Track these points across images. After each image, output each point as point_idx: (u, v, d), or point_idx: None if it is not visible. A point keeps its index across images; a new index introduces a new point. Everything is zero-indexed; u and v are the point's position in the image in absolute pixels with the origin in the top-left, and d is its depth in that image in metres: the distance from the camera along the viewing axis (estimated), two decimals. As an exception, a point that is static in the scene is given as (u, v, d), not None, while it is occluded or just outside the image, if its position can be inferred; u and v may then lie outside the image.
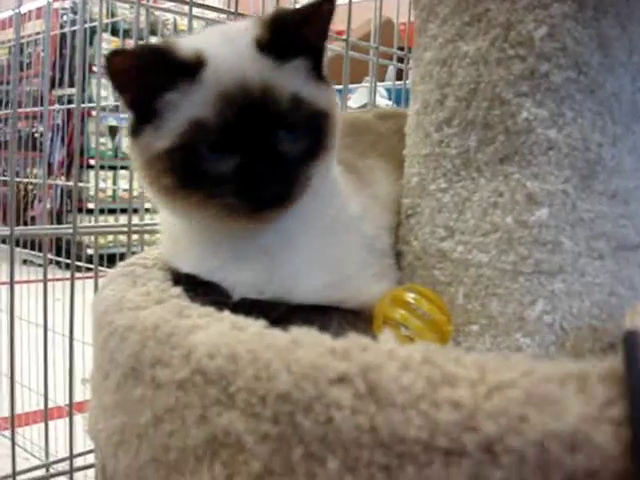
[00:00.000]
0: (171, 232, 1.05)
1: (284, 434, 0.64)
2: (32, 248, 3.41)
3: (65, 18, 4.55)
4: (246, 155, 0.88)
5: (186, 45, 0.92)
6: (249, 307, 0.90)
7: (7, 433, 1.69)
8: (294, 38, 0.92)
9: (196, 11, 1.56)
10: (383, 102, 3.13)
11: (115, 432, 0.85)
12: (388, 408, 0.59)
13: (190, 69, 0.89)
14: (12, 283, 1.36)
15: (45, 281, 1.55)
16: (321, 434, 0.61)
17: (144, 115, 0.91)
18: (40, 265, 3.33)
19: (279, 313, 0.92)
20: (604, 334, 0.99)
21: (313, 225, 0.99)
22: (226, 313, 0.79)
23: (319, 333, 0.71)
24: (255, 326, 0.74)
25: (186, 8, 1.48)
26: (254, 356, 0.68)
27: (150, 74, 0.89)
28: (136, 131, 0.93)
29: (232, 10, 1.54)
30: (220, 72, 0.89)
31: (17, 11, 1.34)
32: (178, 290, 0.91)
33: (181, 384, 0.73)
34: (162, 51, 0.89)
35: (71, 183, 4.21)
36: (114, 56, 0.86)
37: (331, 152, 0.97)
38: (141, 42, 1.49)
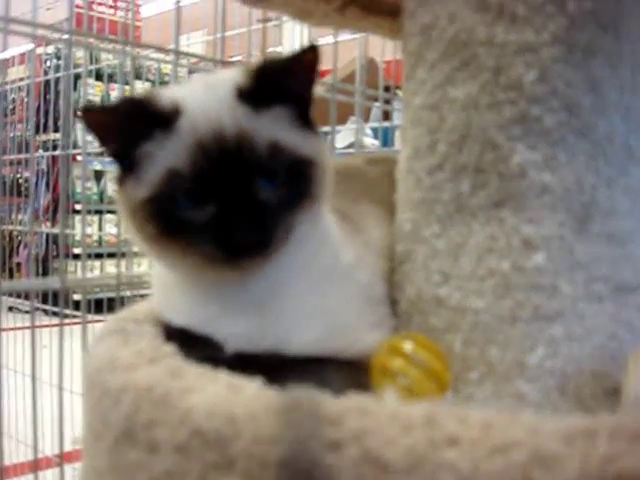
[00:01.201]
0: (161, 283, 1.04)
1: (286, 500, 0.62)
2: (18, 296, 3.37)
3: (49, 64, 4.56)
4: (222, 204, 0.87)
5: (166, 95, 0.92)
6: (243, 361, 0.88)
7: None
8: (276, 86, 0.91)
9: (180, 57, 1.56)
10: (369, 141, 3.14)
11: (109, 496, 0.82)
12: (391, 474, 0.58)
13: (165, 119, 0.88)
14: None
15: (33, 330, 1.53)
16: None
17: (127, 165, 0.92)
18: (26, 312, 3.30)
19: (274, 366, 0.90)
20: (606, 378, 0.97)
21: (304, 274, 0.97)
22: (221, 373, 0.77)
23: (317, 392, 0.69)
24: (252, 387, 0.72)
25: (170, 56, 1.48)
26: (252, 419, 0.66)
27: (127, 125, 0.89)
28: (121, 180, 0.93)
29: (217, 58, 1.54)
30: (195, 121, 0.88)
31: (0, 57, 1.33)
32: (171, 348, 0.89)
33: (178, 447, 0.70)
34: (138, 103, 0.90)
35: (56, 230, 4.19)
36: (86, 112, 0.88)
37: (318, 200, 0.96)
38: (126, 87, 1.49)
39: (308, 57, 0.92)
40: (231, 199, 0.87)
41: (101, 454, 0.84)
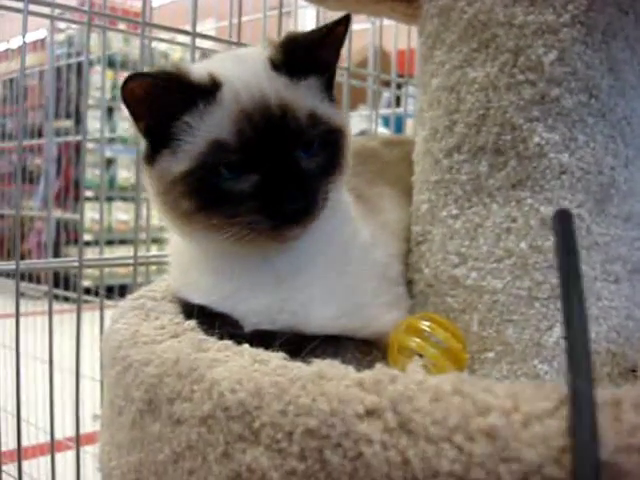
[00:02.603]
0: (180, 262, 1.04)
1: (312, 470, 0.62)
2: (30, 280, 3.38)
3: (59, 51, 4.56)
4: (267, 173, 0.87)
5: (199, 69, 0.91)
6: (262, 338, 0.88)
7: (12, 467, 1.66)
8: (307, 57, 0.92)
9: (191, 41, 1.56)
10: (379, 129, 3.13)
11: (130, 470, 0.83)
12: (420, 442, 0.58)
13: (206, 91, 0.88)
14: (17, 318, 1.34)
15: (50, 314, 1.54)
16: (350, 470, 0.60)
17: (160, 140, 0.91)
18: (38, 298, 3.31)
19: (292, 344, 0.90)
20: (622, 358, 0.98)
21: (325, 253, 0.98)
22: (245, 346, 0.78)
23: (340, 364, 0.70)
24: (277, 359, 0.73)
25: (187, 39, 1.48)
26: (279, 390, 0.66)
27: (166, 98, 0.88)
28: (152, 158, 0.92)
29: (234, 40, 1.54)
30: (237, 92, 0.88)
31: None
32: (192, 323, 0.89)
33: (203, 420, 0.71)
34: (177, 75, 0.89)
35: (68, 215, 4.19)
36: (130, 81, 0.86)
37: (345, 170, 0.97)
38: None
39: (338, 29, 0.93)
40: (276, 168, 0.87)
41: (123, 428, 0.85)
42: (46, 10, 1.27)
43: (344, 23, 0.93)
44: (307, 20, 2.46)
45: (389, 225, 1.14)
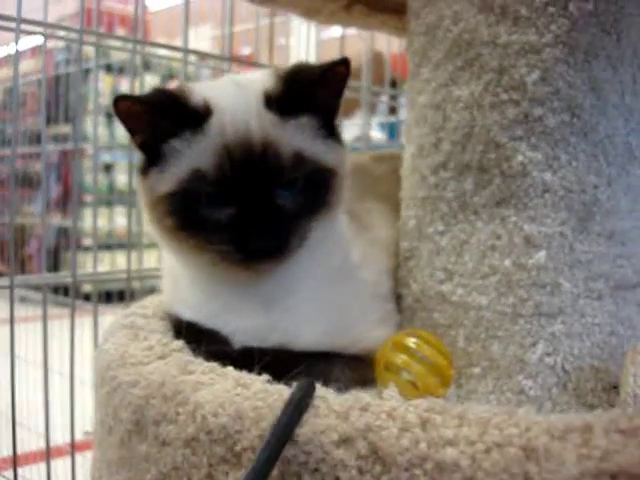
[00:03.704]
0: (172, 277, 1.06)
1: (292, 494, 0.64)
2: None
3: (59, 58, 4.58)
4: (242, 207, 0.88)
5: (198, 93, 0.92)
6: (250, 355, 0.90)
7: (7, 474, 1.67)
8: (305, 96, 0.92)
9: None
10: (375, 135, 3.14)
11: (120, 488, 0.84)
12: (393, 468, 0.59)
13: (196, 118, 0.90)
14: (12, 327, 1.35)
15: (45, 328, 1.55)
16: (328, 494, 0.62)
17: (152, 157, 0.93)
18: (38, 302, 3.31)
19: (281, 361, 0.91)
20: (606, 374, 0.99)
21: (315, 274, 0.99)
22: (230, 369, 0.79)
23: (321, 388, 0.71)
24: (259, 382, 0.74)
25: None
26: (258, 416, 0.68)
27: (158, 120, 0.90)
28: (144, 171, 0.94)
29: (226, 55, 1.55)
30: (223, 124, 0.89)
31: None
32: (180, 343, 0.91)
33: (187, 442, 0.73)
34: (171, 98, 0.90)
35: (68, 222, 4.20)
36: (120, 100, 0.88)
37: (335, 207, 0.97)
38: (135, 79, 1.50)
39: (340, 69, 0.93)
40: (251, 203, 0.88)
41: (112, 447, 0.87)
42: (39, 29, 1.28)
43: (344, 64, 0.93)
44: (303, 28, 2.47)
45: (379, 241, 1.15)
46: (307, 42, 2.11)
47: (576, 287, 0.99)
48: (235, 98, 0.93)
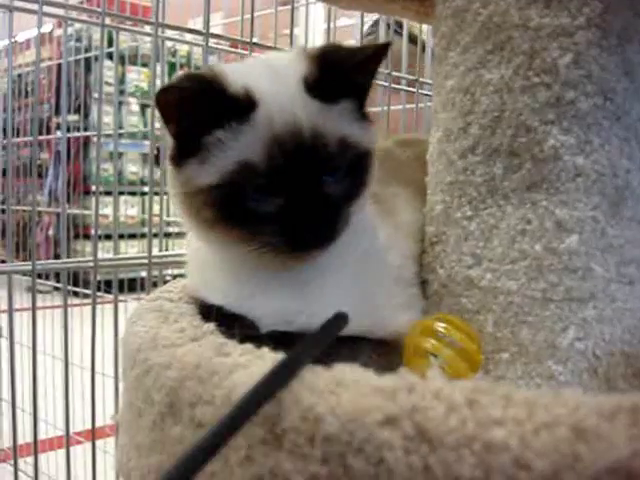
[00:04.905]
0: (198, 262, 1.05)
1: (334, 474, 0.63)
2: (39, 276, 3.39)
3: (68, 45, 4.57)
4: (292, 198, 0.87)
5: (234, 79, 0.89)
6: (278, 340, 0.89)
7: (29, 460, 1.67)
8: (344, 80, 0.91)
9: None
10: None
11: (151, 471, 0.84)
12: (440, 449, 0.59)
13: (242, 109, 0.88)
14: (34, 315, 1.35)
15: (66, 312, 1.55)
16: (373, 474, 0.61)
17: (189, 148, 0.90)
18: (47, 292, 3.33)
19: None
20: (636, 359, 0.99)
21: (346, 258, 0.98)
22: (265, 350, 0.79)
23: (363, 370, 0.70)
24: (297, 364, 0.74)
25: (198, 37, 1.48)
26: (297, 398, 0.67)
27: (200, 110, 0.88)
28: (179, 162, 0.92)
29: (247, 40, 1.54)
30: (271, 115, 0.88)
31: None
32: (211, 326, 0.90)
33: (224, 424, 0.72)
34: (213, 87, 0.88)
35: (76, 211, 4.20)
36: (163, 93, 0.86)
37: (369, 188, 0.97)
38: (143, 69, 1.49)
39: (379, 52, 0.93)
40: (300, 193, 0.87)
41: (142, 430, 0.86)
42: (59, 11, 1.27)
43: (384, 48, 0.93)
44: (316, 14, 2.46)
45: (404, 226, 1.14)
46: (313, 31, 2.10)
47: (608, 272, 0.98)
48: (275, 85, 0.91)
